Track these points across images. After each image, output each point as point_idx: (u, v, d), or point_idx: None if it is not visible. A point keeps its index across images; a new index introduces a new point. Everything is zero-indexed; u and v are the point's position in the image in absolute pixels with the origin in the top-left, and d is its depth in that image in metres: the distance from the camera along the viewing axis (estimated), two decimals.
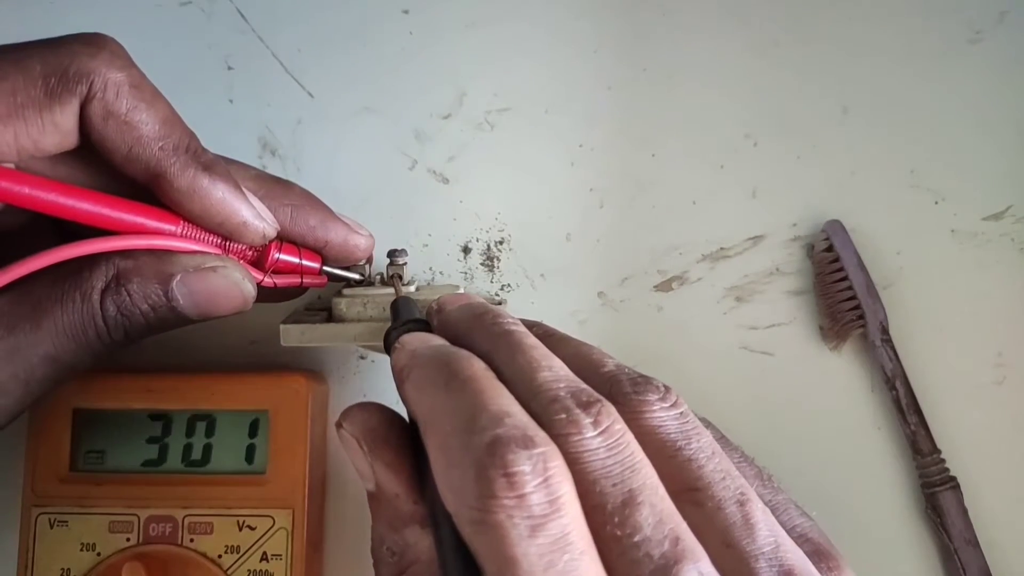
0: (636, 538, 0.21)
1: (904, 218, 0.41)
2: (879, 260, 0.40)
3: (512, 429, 0.21)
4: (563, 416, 0.23)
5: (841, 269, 0.39)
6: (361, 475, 0.26)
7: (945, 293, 0.40)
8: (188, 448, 0.36)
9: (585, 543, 0.21)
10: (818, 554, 0.26)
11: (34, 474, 0.36)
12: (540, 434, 0.22)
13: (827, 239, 0.40)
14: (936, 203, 0.41)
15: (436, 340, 0.28)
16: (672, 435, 0.24)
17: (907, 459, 0.39)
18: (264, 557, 0.35)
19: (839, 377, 0.40)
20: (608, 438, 0.23)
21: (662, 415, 0.25)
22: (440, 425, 0.23)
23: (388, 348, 0.31)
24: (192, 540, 0.35)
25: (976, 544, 0.37)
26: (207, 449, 0.36)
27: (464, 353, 0.25)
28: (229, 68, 0.42)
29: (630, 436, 0.23)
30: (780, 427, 0.39)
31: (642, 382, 0.25)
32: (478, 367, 0.25)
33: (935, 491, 0.38)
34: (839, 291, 0.39)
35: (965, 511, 0.38)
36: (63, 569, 0.35)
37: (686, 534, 0.22)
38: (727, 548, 0.23)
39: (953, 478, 0.38)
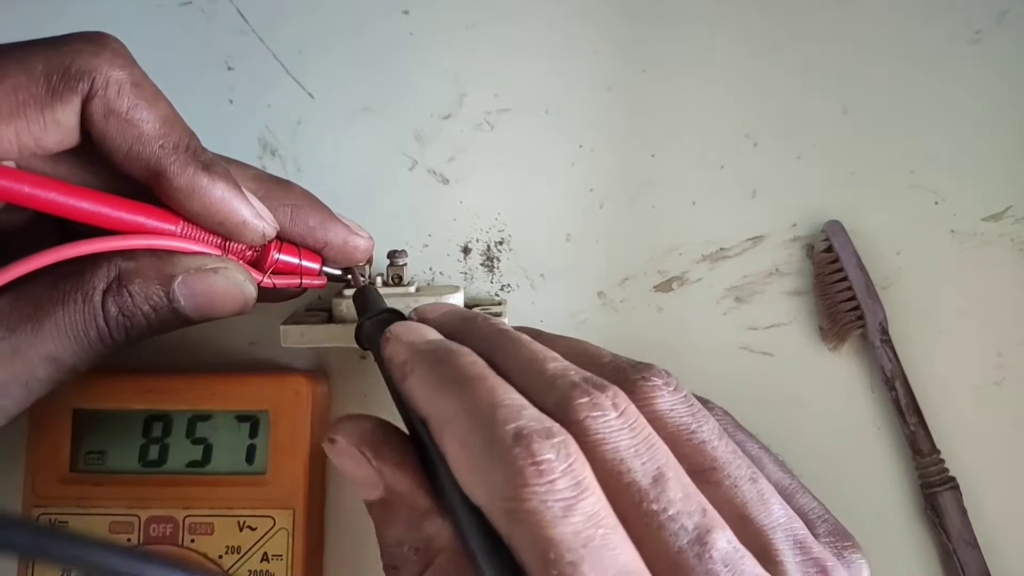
0: (671, 512, 0.22)
1: (904, 218, 0.41)
2: (879, 260, 0.40)
3: (531, 421, 0.22)
4: (585, 400, 0.23)
5: (841, 269, 0.39)
6: (364, 485, 0.26)
7: (945, 293, 0.40)
8: (188, 449, 0.36)
9: (614, 519, 0.22)
10: (836, 534, 0.27)
11: (34, 475, 0.36)
12: (556, 424, 0.22)
13: (827, 239, 0.40)
14: (936, 203, 0.41)
15: (431, 332, 0.28)
16: (684, 418, 0.26)
17: (906, 459, 0.39)
18: (265, 557, 0.35)
19: (839, 377, 0.40)
20: (627, 419, 0.24)
21: (671, 399, 0.26)
22: (457, 422, 0.23)
23: (364, 339, 0.31)
24: (193, 541, 0.35)
25: (975, 544, 0.37)
26: (207, 450, 0.36)
27: (465, 349, 0.26)
28: (229, 68, 0.42)
29: (643, 418, 0.24)
30: (780, 427, 0.39)
31: (644, 368, 0.26)
32: (483, 363, 0.25)
33: (934, 491, 0.38)
34: (839, 291, 0.39)
35: (964, 511, 0.38)
36: (63, 570, 0.35)
37: (709, 506, 0.23)
38: (744, 521, 0.24)
39: (952, 478, 0.38)
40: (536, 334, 0.29)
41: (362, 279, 0.36)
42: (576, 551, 0.20)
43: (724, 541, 0.22)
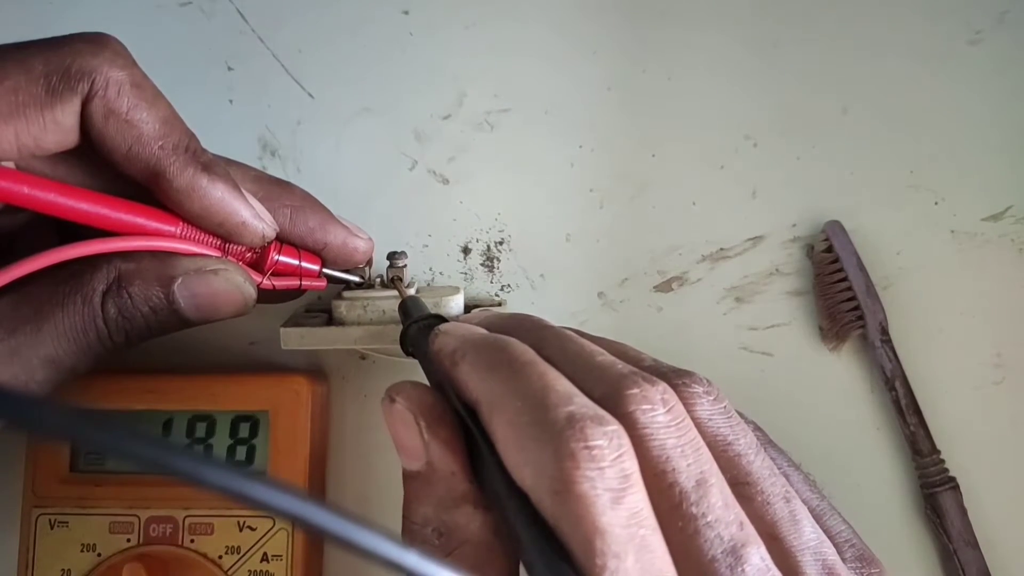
0: (709, 518, 0.22)
1: (904, 218, 0.41)
2: (879, 260, 0.40)
3: (583, 407, 0.22)
4: (636, 391, 0.23)
5: (841, 270, 0.39)
6: (407, 453, 0.26)
7: (945, 293, 0.40)
8: (188, 449, 0.36)
9: (654, 521, 0.21)
10: (862, 559, 0.27)
11: (34, 475, 0.36)
12: (608, 414, 0.22)
13: (827, 239, 0.40)
14: (936, 203, 0.41)
15: (478, 328, 0.28)
16: (722, 429, 0.25)
17: (907, 459, 0.39)
18: (265, 558, 0.35)
19: (839, 377, 0.40)
20: (675, 417, 0.23)
21: (710, 409, 0.25)
22: (508, 403, 0.23)
23: (409, 342, 0.32)
24: (193, 541, 0.35)
25: (975, 545, 0.37)
26: (207, 450, 0.36)
27: (515, 340, 0.26)
28: (229, 68, 0.42)
29: (690, 418, 0.24)
30: (780, 427, 0.39)
31: (685, 375, 0.26)
32: (533, 352, 0.25)
33: (934, 492, 0.38)
34: (839, 292, 0.39)
35: (964, 512, 0.38)
36: (63, 570, 0.35)
37: (746, 519, 0.23)
38: (774, 540, 0.24)
39: (952, 479, 0.38)
40: (578, 333, 0.29)
41: (376, 280, 0.37)
42: (622, 545, 0.20)
43: (757, 557, 0.22)
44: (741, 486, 0.24)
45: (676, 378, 0.25)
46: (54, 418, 0.15)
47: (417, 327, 0.31)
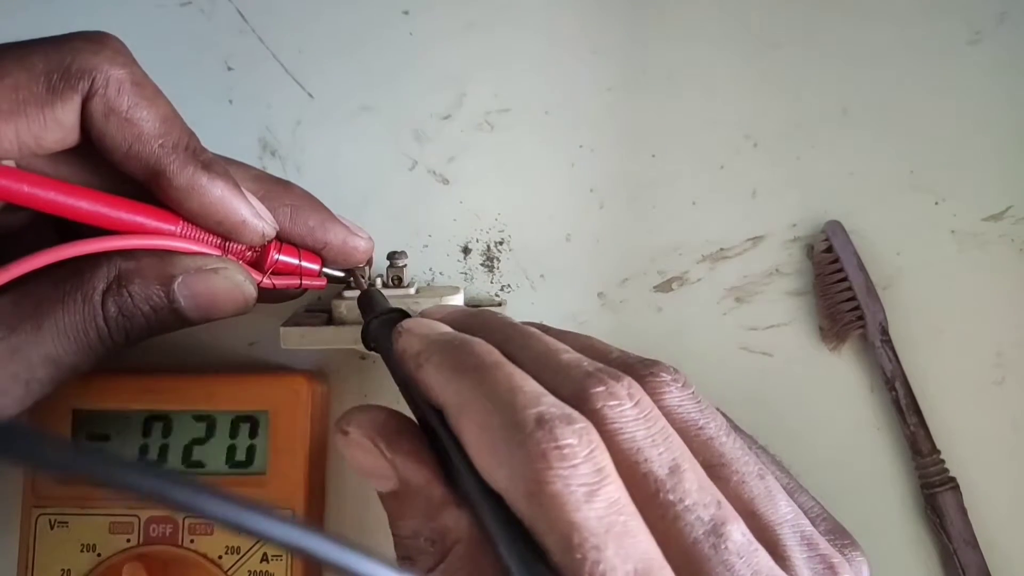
0: (687, 502, 0.23)
1: (904, 218, 0.41)
2: (879, 260, 0.40)
3: (552, 407, 0.22)
4: (601, 389, 0.24)
5: (841, 270, 0.39)
6: (376, 476, 0.26)
7: (945, 293, 0.40)
8: (188, 449, 0.36)
9: (633, 508, 0.22)
10: (835, 532, 0.27)
11: (34, 475, 0.36)
12: (576, 412, 0.23)
13: (827, 240, 0.40)
14: (936, 203, 0.41)
15: (442, 325, 0.28)
16: (692, 414, 0.26)
17: (907, 460, 0.39)
18: (264, 558, 0.35)
19: (839, 378, 0.40)
20: (643, 410, 0.24)
21: (679, 395, 0.26)
22: (476, 407, 0.23)
23: (371, 338, 0.31)
24: (192, 541, 0.35)
25: (975, 545, 0.37)
26: (207, 450, 0.36)
27: (479, 339, 0.26)
28: (229, 68, 0.42)
29: (657, 409, 0.24)
30: (779, 428, 0.39)
31: (652, 364, 0.26)
32: (498, 352, 0.25)
33: (934, 492, 0.38)
34: (839, 292, 0.39)
35: (964, 512, 0.38)
36: (63, 570, 0.35)
37: (723, 498, 0.23)
38: (752, 517, 0.24)
39: (952, 479, 0.38)
40: (543, 329, 0.29)
41: (363, 281, 0.36)
42: (600, 536, 0.21)
43: (739, 533, 0.23)
44: (716, 467, 0.25)
45: (643, 369, 0.26)
46: (52, 455, 0.15)
47: (378, 323, 0.31)
